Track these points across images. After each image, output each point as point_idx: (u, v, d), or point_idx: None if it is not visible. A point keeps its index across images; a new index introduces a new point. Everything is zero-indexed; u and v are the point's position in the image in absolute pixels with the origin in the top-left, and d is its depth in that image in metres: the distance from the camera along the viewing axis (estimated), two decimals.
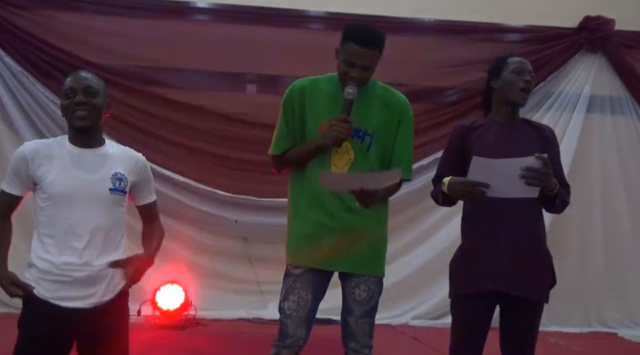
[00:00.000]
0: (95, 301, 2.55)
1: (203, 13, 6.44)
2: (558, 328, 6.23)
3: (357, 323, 2.90)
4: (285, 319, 2.85)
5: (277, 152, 2.97)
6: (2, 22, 5.98)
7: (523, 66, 2.97)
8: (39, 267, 2.53)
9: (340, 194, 2.83)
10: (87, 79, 2.60)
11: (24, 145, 2.64)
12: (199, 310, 5.82)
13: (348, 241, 2.85)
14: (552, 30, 6.62)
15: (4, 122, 6.05)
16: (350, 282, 2.90)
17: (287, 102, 2.96)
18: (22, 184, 2.59)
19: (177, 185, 6.14)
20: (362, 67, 2.82)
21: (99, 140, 2.66)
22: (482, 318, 2.93)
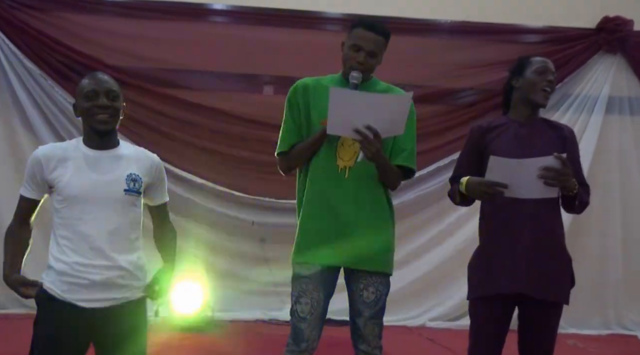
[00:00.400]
0: (112, 302, 2.55)
1: (220, 15, 6.46)
2: (576, 330, 6.18)
3: (367, 325, 2.88)
4: (300, 322, 2.84)
5: (285, 148, 2.95)
6: (21, 25, 6.03)
7: (546, 66, 2.95)
8: (55, 269, 2.54)
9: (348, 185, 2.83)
10: (108, 82, 2.61)
11: (38, 150, 2.64)
12: (216, 311, 5.83)
13: (353, 237, 2.84)
14: (571, 31, 6.57)
15: (22, 124, 6.10)
16: (358, 283, 2.88)
17: (291, 99, 2.97)
18: (38, 188, 2.60)
19: (194, 186, 6.17)
20: (368, 52, 2.84)
21: (113, 142, 2.66)
22: (501, 320, 2.92)
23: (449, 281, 6.19)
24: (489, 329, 2.93)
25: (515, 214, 2.86)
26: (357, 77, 2.83)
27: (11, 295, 5.77)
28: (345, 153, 2.87)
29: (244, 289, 6.17)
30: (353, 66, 2.85)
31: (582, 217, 6.22)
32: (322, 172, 2.87)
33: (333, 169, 2.86)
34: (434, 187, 6.32)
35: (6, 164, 6.03)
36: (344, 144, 2.86)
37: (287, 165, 3.00)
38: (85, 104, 2.57)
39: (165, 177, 2.80)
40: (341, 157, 2.87)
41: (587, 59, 6.57)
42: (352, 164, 2.85)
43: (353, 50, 2.85)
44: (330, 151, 2.87)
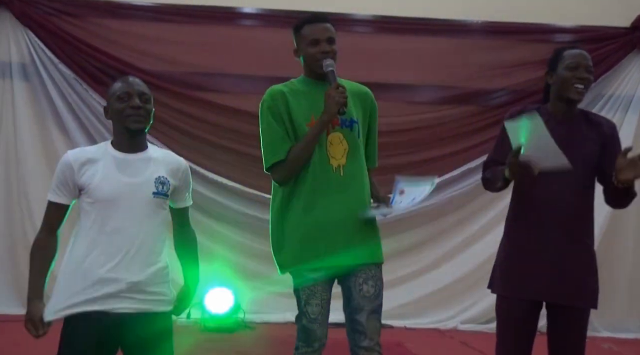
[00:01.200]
0: (139, 307, 2.55)
1: (250, 18, 6.49)
2: (611, 334, 6.08)
3: (369, 319, 2.82)
4: (311, 323, 2.83)
5: (282, 156, 2.84)
6: (56, 31, 6.14)
7: (579, 61, 2.86)
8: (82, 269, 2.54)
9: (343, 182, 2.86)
10: (140, 84, 2.65)
11: (67, 154, 2.65)
12: (248, 313, 5.86)
13: (354, 234, 2.84)
14: (604, 30, 6.48)
15: (58, 128, 6.20)
16: (357, 278, 2.84)
17: (272, 107, 2.90)
18: (68, 192, 2.60)
19: (224, 188, 6.21)
20: (326, 39, 2.87)
21: (142, 145, 2.68)
22: (526, 319, 2.88)
23: (481, 284, 6.05)
24: (515, 328, 2.90)
25: (542, 215, 2.82)
26: (331, 63, 2.86)
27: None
28: (336, 151, 2.87)
29: (275, 290, 6.17)
30: (320, 57, 2.87)
31: (618, 219, 6.23)
32: (318, 174, 2.84)
33: (328, 169, 2.85)
34: (466, 189, 6.28)
35: (41, 166, 6.13)
36: (332, 142, 2.86)
37: (288, 172, 2.87)
38: (118, 106, 2.60)
39: (191, 181, 2.81)
40: (332, 155, 2.86)
41: (622, 58, 6.47)
42: (343, 161, 2.86)
43: (312, 46, 2.88)
44: (322, 151, 2.85)
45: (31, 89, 6.19)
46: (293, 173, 2.87)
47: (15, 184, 6.12)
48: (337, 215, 2.83)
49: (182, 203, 2.79)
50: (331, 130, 2.87)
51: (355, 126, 2.90)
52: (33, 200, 6.02)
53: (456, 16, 6.45)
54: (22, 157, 6.12)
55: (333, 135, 2.86)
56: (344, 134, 2.88)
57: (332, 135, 2.86)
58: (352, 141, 2.88)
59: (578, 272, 2.84)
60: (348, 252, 2.82)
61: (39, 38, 6.11)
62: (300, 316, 2.88)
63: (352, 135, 2.89)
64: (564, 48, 2.96)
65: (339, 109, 2.78)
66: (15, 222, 6.11)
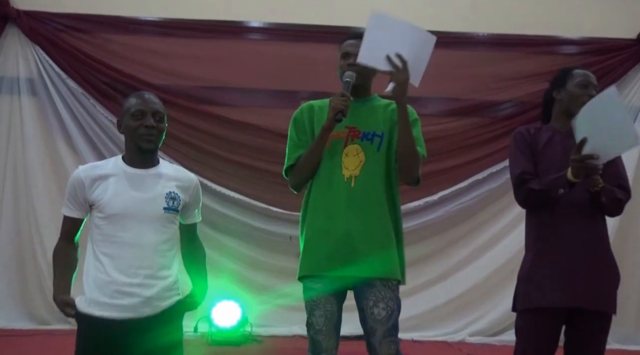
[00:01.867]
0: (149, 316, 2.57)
1: (257, 32, 6.52)
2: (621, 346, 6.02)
3: (382, 344, 2.80)
4: (317, 334, 2.84)
5: (292, 162, 2.94)
6: (64, 46, 6.18)
7: (588, 80, 2.97)
8: (93, 285, 2.57)
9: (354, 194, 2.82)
10: (155, 103, 2.66)
11: (78, 170, 2.68)
12: (255, 326, 5.85)
13: (360, 246, 2.81)
14: (610, 42, 6.49)
15: (66, 143, 6.23)
16: (368, 301, 2.81)
17: (296, 119, 3.01)
18: (80, 207, 2.64)
19: (231, 202, 6.21)
20: (356, 54, 2.88)
21: (154, 161, 2.70)
22: (550, 334, 2.88)
23: (489, 296, 6.13)
24: (539, 344, 2.89)
25: (565, 225, 2.85)
26: (350, 75, 2.88)
27: (55, 312, 5.96)
28: (351, 162, 2.87)
29: (282, 304, 6.17)
30: (346, 69, 2.91)
31: (627, 228, 6.21)
32: (327, 182, 2.86)
33: (339, 179, 2.86)
34: (473, 201, 6.28)
35: (49, 180, 6.16)
36: (348, 154, 2.87)
37: (296, 178, 2.95)
38: (132, 123, 2.62)
39: (201, 198, 2.82)
40: (346, 166, 2.87)
41: (628, 70, 6.47)
42: (357, 172, 2.85)
43: (342, 59, 2.94)
44: (335, 162, 2.87)
45: (39, 104, 6.23)
46: (301, 178, 2.94)
47: (23, 200, 6.14)
48: (342, 225, 2.82)
49: (191, 219, 2.80)
50: (349, 142, 2.89)
51: (376, 140, 2.88)
52: (41, 215, 6.04)
53: (462, 29, 6.46)
54: (30, 172, 6.15)
55: (350, 147, 2.88)
56: (363, 147, 2.88)
57: (349, 147, 2.88)
58: (370, 154, 2.87)
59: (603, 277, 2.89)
60: (352, 264, 2.80)
61: (47, 53, 6.15)
62: (307, 327, 2.89)
63: (371, 149, 2.88)
64: (571, 67, 3.06)
65: (335, 115, 2.79)
66: (24, 237, 6.12)
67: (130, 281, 2.54)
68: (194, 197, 2.75)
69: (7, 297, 6.02)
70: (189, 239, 2.84)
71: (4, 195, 6.14)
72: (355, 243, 2.81)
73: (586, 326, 2.87)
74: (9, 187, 6.16)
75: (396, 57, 2.79)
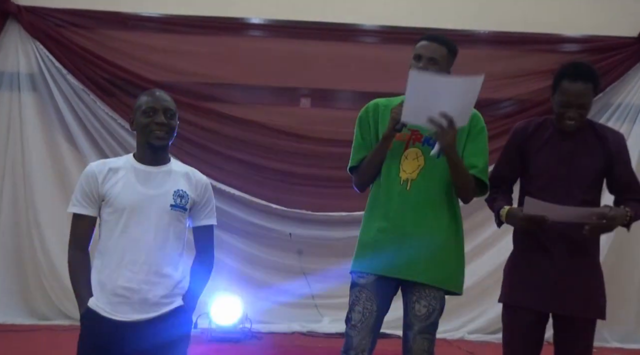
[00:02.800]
0: (152, 315, 2.58)
1: (258, 29, 6.51)
2: (620, 344, 6.04)
3: (416, 338, 2.84)
4: (350, 330, 2.84)
5: (355, 163, 2.98)
6: (65, 42, 6.17)
7: (570, 101, 2.83)
8: (98, 282, 2.59)
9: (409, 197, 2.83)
10: (167, 100, 2.68)
11: (91, 165, 2.70)
12: (254, 323, 5.85)
13: (410, 249, 2.82)
14: (612, 40, 6.47)
15: (66, 139, 6.22)
16: (412, 295, 2.85)
17: (362, 118, 3.02)
18: (92, 203, 2.63)
19: (232, 198, 6.21)
20: (427, 59, 2.86)
21: (164, 159, 2.72)
22: (533, 330, 2.89)
23: (488, 294, 6.12)
24: (521, 337, 2.90)
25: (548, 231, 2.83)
26: None
27: (54, 307, 5.97)
28: (409, 165, 2.88)
29: (282, 301, 6.17)
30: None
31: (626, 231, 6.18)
32: (384, 184, 2.89)
33: (395, 181, 2.87)
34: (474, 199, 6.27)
35: (49, 176, 6.15)
36: (407, 157, 2.89)
37: (359, 179, 3.00)
38: (143, 120, 2.64)
39: (212, 200, 2.81)
40: (404, 169, 2.88)
41: (629, 68, 6.45)
42: (414, 176, 2.86)
43: (415, 61, 2.90)
44: (394, 163, 2.89)
45: (39, 100, 6.22)
46: (363, 180, 2.98)
47: (22, 196, 6.13)
48: (392, 227, 2.84)
49: (201, 221, 2.78)
50: (410, 145, 2.89)
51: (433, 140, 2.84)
52: (40, 211, 6.03)
53: (463, 26, 6.45)
54: (29, 168, 6.14)
55: (410, 150, 2.89)
56: (423, 151, 2.88)
57: (410, 150, 2.89)
58: (430, 159, 2.85)
59: (583, 284, 2.85)
60: (396, 264, 2.82)
61: (47, 49, 6.14)
62: (346, 320, 2.89)
63: None
64: (564, 74, 2.89)
65: (394, 125, 2.80)
66: (23, 233, 6.12)
67: (134, 277, 2.55)
68: (202, 197, 2.75)
69: (7, 293, 6.02)
70: (201, 247, 2.80)
71: (3, 190, 6.13)
72: (405, 244, 2.82)
73: (568, 327, 2.86)
74: (9, 182, 6.15)
75: (440, 115, 2.71)
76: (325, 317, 6.15)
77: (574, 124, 2.86)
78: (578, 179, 2.81)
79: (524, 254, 2.95)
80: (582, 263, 2.86)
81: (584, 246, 2.87)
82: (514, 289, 2.94)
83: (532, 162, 2.94)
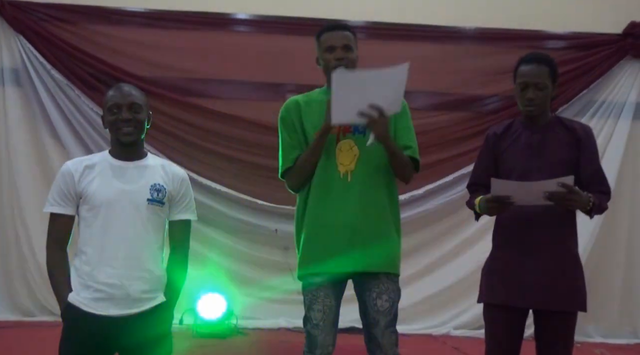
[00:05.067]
0: (136, 311, 2.57)
1: (243, 24, 6.50)
2: (604, 339, 6.10)
3: (384, 334, 2.84)
4: (313, 329, 2.83)
5: (290, 164, 2.94)
6: (49, 37, 6.13)
7: (527, 82, 2.88)
8: (79, 279, 2.57)
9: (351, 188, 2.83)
10: (131, 95, 2.64)
11: (67, 164, 2.67)
12: (240, 319, 5.85)
13: (360, 241, 2.82)
14: (596, 36, 6.51)
15: (50, 134, 6.18)
16: (371, 292, 2.85)
17: (285, 118, 2.99)
18: (69, 202, 2.62)
19: (217, 194, 6.20)
20: (342, 46, 2.88)
21: (140, 153, 2.70)
22: (512, 325, 2.91)
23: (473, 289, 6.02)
24: (501, 334, 2.92)
25: (525, 222, 2.85)
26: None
27: (39, 303, 5.94)
28: (345, 157, 2.88)
29: (268, 297, 6.17)
30: (334, 64, 2.86)
31: (610, 225, 6.26)
32: (324, 180, 2.87)
33: (335, 176, 2.87)
34: (458, 195, 6.28)
35: (33, 171, 6.13)
36: (342, 148, 2.88)
37: (296, 179, 2.95)
38: (109, 117, 2.63)
39: (190, 194, 2.77)
40: (341, 162, 2.88)
41: (613, 64, 6.49)
42: (352, 167, 2.86)
43: (328, 53, 2.90)
44: (329, 159, 2.88)
45: (23, 95, 6.18)
46: (301, 179, 2.94)
47: (6, 190, 6.10)
48: (339, 220, 2.84)
49: (176, 215, 2.72)
50: (341, 138, 2.89)
51: (368, 131, 2.84)
52: (25, 206, 6.00)
53: (448, 22, 6.47)
54: (13, 162, 6.10)
55: (343, 142, 2.88)
56: (355, 140, 2.89)
57: (342, 142, 2.88)
58: (364, 147, 2.86)
59: (562, 276, 2.85)
60: (350, 258, 2.81)
61: (31, 44, 6.10)
62: (305, 321, 2.89)
63: (364, 141, 2.87)
64: (521, 61, 2.96)
65: (328, 129, 2.80)
66: (7, 228, 6.08)
67: (115, 273, 2.54)
68: (179, 190, 2.71)
69: None
70: (175, 243, 2.74)
71: None
72: (355, 236, 2.83)
73: (548, 321, 2.87)
74: None
75: (369, 108, 2.72)
76: None
77: (534, 107, 2.88)
78: (551, 170, 2.82)
79: (501, 252, 2.96)
80: (559, 255, 2.86)
81: (560, 238, 2.88)
82: (491, 288, 2.95)
83: (504, 159, 2.96)
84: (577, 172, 2.85)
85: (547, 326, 2.88)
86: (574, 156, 2.89)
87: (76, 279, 2.58)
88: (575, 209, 2.81)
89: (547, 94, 2.90)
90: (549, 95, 2.91)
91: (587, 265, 3.05)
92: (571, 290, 2.87)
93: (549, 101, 2.95)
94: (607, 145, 6.29)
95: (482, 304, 3.02)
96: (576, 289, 2.89)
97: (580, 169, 2.87)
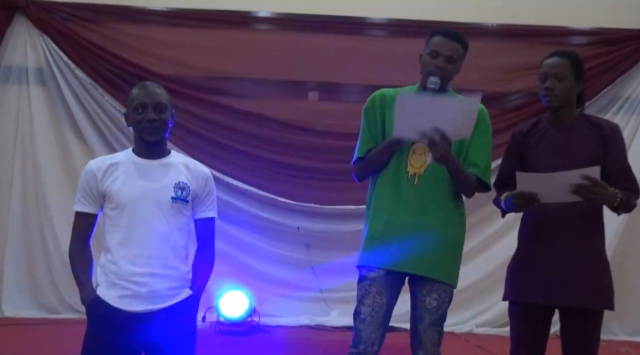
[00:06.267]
0: (160, 306, 2.59)
1: (265, 22, 6.50)
2: (629, 337, 6.03)
3: (427, 331, 2.86)
4: (360, 323, 2.84)
5: (361, 155, 2.96)
6: (73, 36, 6.18)
7: (546, 71, 2.87)
8: (104, 274, 2.60)
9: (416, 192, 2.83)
10: (157, 94, 2.65)
11: (90, 163, 2.70)
12: (262, 316, 5.86)
13: (418, 244, 2.82)
14: (620, 32, 6.43)
15: (74, 133, 6.24)
16: (422, 289, 2.86)
17: (368, 109, 3.00)
18: (93, 201, 2.65)
19: (240, 192, 6.22)
20: (445, 57, 2.85)
21: (163, 151, 2.72)
22: (538, 323, 2.88)
23: (496, 287, 6.06)
24: (527, 332, 2.90)
25: (551, 222, 2.83)
26: (434, 81, 2.83)
27: (64, 300, 6.00)
28: (417, 160, 2.88)
29: (290, 294, 6.19)
30: (431, 71, 2.85)
31: (635, 221, 6.18)
32: (391, 178, 2.89)
33: (402, 176, 2.88)
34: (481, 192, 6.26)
35: (58, 170, 6.18)
36: (415, 151, 2.88)
37: (362, 171, 2.99)
38: (134, 117, 2.64)
39: (214, 192, 2.79)
40: (412, 164, 2.88)
41: (638, 60, 6.41)
42: (421, 171, 2.86)
43: (431, 57, 2.87)
44: (401, 158, 2.88)
45: (48, 94, 6.24)
46: (366, 172, 2.99)
47: (32, 189, 6.16)
48: (400, 221, 2.85)
49: (201, 213, 2.75)
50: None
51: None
52: (50, 205, 6.05)
53: (471, 19, 6.42)
54: (39, 161, 6.16)
55: (418, 145, 2.87)
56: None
57: (417, 144, 2.87)
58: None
59: (588, 274, 2.82)
60: (407, 259, 2.82)
61: (55, 43, 6.16)
62: (355, 314, 2.89)
63: None
64: (546, 56, 2.95)
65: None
66: (33, 227, 6.14)
67: (140, 271, 2.56)
68: (203, 189, 2.73)
69: (16, 286, 6.05)
70: (202, 241, 2.78)
71: (13, 184, 6.15)
72: (414, 240, 2.82)
73: (573, 319, 2.84)
74: (18, 176, 6.17)
75: (432, 130, 2.69)
76: (334, 311, 6.15)
77: (552, 97, 2.85)
78: (577, 167, 2.79)
79: (526, 249, 2.94)
80: (586, 252, 2.83)
81: (587, 235, 2.85)
82: (517, 285, 2.93)
83: (530, 156, 2.94)
84: (604, 169, 2.81)
85: (573, 324, 2.85)
86: (600, 153, 2.86)
87: (102, 276, 2.61)
88: (601, 203, 2.78)
89: (568, 86, 2.87)
90: (570, 88, 2.88)
91: (612, 262, 3.00)
92: (597, 289, 2.83)
93: (573, 96, 2.91)
94: (632, 141, 6.21)
95: (507, 301, 3.00)
96: (603, 287, 2.85)
97: (607, 166, 2.84)
